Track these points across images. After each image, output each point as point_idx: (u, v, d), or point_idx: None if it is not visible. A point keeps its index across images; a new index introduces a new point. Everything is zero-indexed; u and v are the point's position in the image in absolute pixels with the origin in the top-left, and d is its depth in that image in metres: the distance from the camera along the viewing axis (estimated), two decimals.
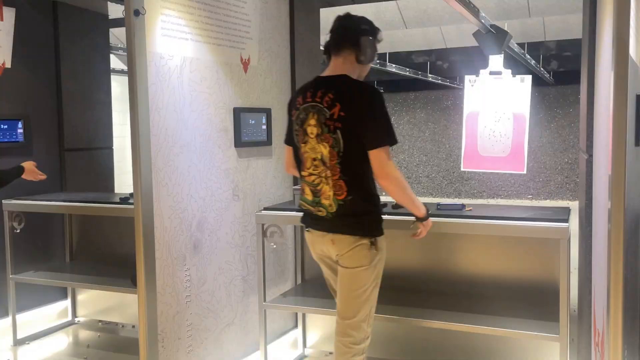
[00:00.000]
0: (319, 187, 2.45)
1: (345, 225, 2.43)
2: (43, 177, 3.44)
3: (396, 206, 2.98)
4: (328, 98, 2.38)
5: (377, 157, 2.34)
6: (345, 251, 2.44)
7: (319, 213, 2.47)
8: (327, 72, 2.49)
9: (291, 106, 2.57)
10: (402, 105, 13.09)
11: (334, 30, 2.48)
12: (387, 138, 2.36)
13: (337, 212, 2.43)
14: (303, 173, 2.51)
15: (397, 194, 2.44)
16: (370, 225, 2.45)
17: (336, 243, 2.45)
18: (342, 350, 2.48)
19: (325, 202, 2.44)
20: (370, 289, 2.46)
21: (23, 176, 3.33)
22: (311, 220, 2.55)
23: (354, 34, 2.43)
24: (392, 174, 2.36)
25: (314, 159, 2.44)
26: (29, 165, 3.35)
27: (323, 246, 2.53)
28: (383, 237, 2.49)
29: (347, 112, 2.34)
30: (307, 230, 2.60)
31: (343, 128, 2.35)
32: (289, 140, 2.62)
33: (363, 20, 2.47)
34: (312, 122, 2.42)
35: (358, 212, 2.43)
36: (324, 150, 2.40)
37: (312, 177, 2.46)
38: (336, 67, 2.47)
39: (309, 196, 2.50)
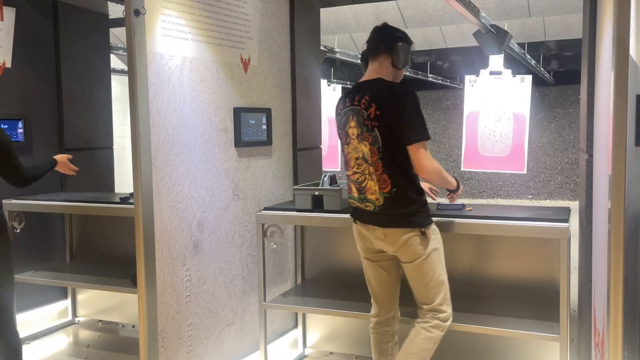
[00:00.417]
0: (363, 184, 2.60)
1: (395, 219, 2.56)
2: (76, 168, 3.53)
3: None
4: (365, 100, 2.56)
5: (414, 152, 2.50)
6: (399, 246, 2.56)
7: (367, 208, 2.61)
8: (364, 77, 2.66)
9: (336, 113, 2.74)
10: None
11: (371, 38, 2.66)
12: (422, 134, 2.51)
13: (384, 205, 2.56)
14: (348, 172, 2.68)
15: (436, 182, 2.68)
16: (418, 216, 2.57)
17: (388, 236, 2.58)
18: (423, 319, 2.62)
19: (372, 197, 2.58)
20: (438, 274, 2.59)
21: (56, 168, 3.38)
22: (361, 214, 2.68)
23: (390, 40, 2.60)
24: (430, 166, 2.52)
25: (357, 158, 2.61)
26: (62, 158, 3.41)
27: (372, 238, 2.65)
28: (432, 224, 2.63)
29: (382, 111, 2.51)
30: (355, 222, 2.74)
31: (380, 126, 2.52)
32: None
33: (398, 30, 2.67)
34: (352, 124, 2.59)
35: (405, 204, 2.55)
36: (365, 148, 2.56)
37: (357, 176, 2.62)
38: (372, 71, 2.63)
39: (355, 194, 2.66)
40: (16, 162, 2.93)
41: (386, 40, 2.60)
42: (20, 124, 3.88)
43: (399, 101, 2.50)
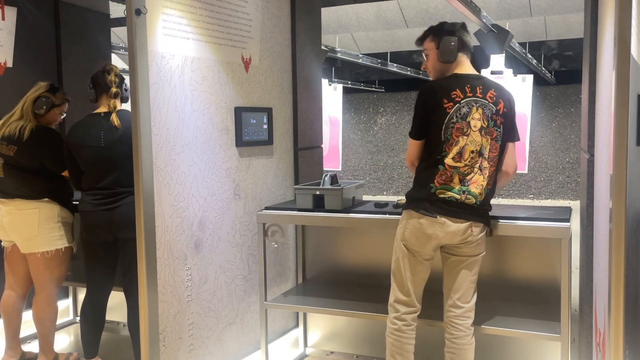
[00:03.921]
0: (468, 177, 2.55)
1: (484, 214, 2.62)
2: None
3: (397, 206, 3.00)
4: (491, 94, 2.57)
5: (514, 149, 2.66)
6: (476, 239, 2.61)
7: (468, 201, 2.55)
8: (463, 70, 2.63)
9: (441, 98, 2.54)
10: (404, 104, 13.10)
11: (465, 32, 2.67)
12: (518, 133, 2.69)
13: (483, 200, 2.59)
14: (457, 164, 2.53)
15: (509, 181, 2.73)
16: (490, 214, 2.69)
17: (473, 230, 2.58)
18: (464, 332, 2.65)
19: (475, 190, 2.56)
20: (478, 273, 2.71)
21: None
22: (449, 208, 2.54)
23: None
24: (517, 165, 2.68)
25: (472, 151, 2.54)
26: None
27: (445, 233, 2.55)
28: None
29: (507, 109, 2.60)
30: (431, 216, 2.54)
31: (505, 122, 2.59)
32: (424, 133, 2.60)
33: None
34: (477, 115, 2.54)
35: (490, 201, 2.66)
36: (486, 143, 2.55)
37: (465, 168, 2.54)
38: (469, 66, 2.65)
39: (456, 185, 2.54)
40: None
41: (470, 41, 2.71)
42: None
43: (512, 100, 2.64)
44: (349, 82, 11.50)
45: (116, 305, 4.16)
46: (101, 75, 3.09)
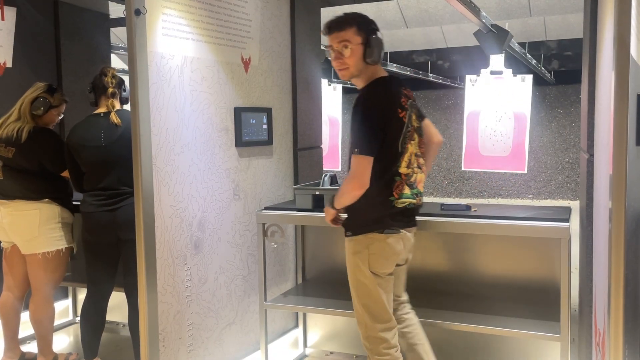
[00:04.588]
0: (412, 179, 2.50)
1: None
2: None
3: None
4: (411, 93, 2.59)
5: (429, 122, 2.72)
6: (413, 241, 2.61)
7: (420, 202, 2.56)
8: (383, 72, 2.56)
9: (395, 108, 2.43)
10: None
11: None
12: None
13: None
14: (408, 171, 2.46)
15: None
16: None
17: (414, 232, 2.60)
18: (413, 312, 2.74)
19: (422, 189, 2.57)
20: None
21: None
22: (406, 219, 2.50)
23: None
24: None
25: (416, 154, 2.53)
26: None
27: (408, 244, 2.55)
28: None
29: (414, 98, 2.60)
30: (396, 232, 2.46)
31: (420, 116, 2.61)
32: (375, 148, 2.38)
33: None
34: (414, 117, 2.54)
35: None
36: (418, 140, 2.55)
37: (409, 171, 2.48)
38: (381, 68, 2.58)
39: (407, 191, 2.47)
40: None
41: None
42: None
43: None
44: (349, 82, 11.49)
45: (116, 305, 4.16)
46: (98, 78, 3.13)
